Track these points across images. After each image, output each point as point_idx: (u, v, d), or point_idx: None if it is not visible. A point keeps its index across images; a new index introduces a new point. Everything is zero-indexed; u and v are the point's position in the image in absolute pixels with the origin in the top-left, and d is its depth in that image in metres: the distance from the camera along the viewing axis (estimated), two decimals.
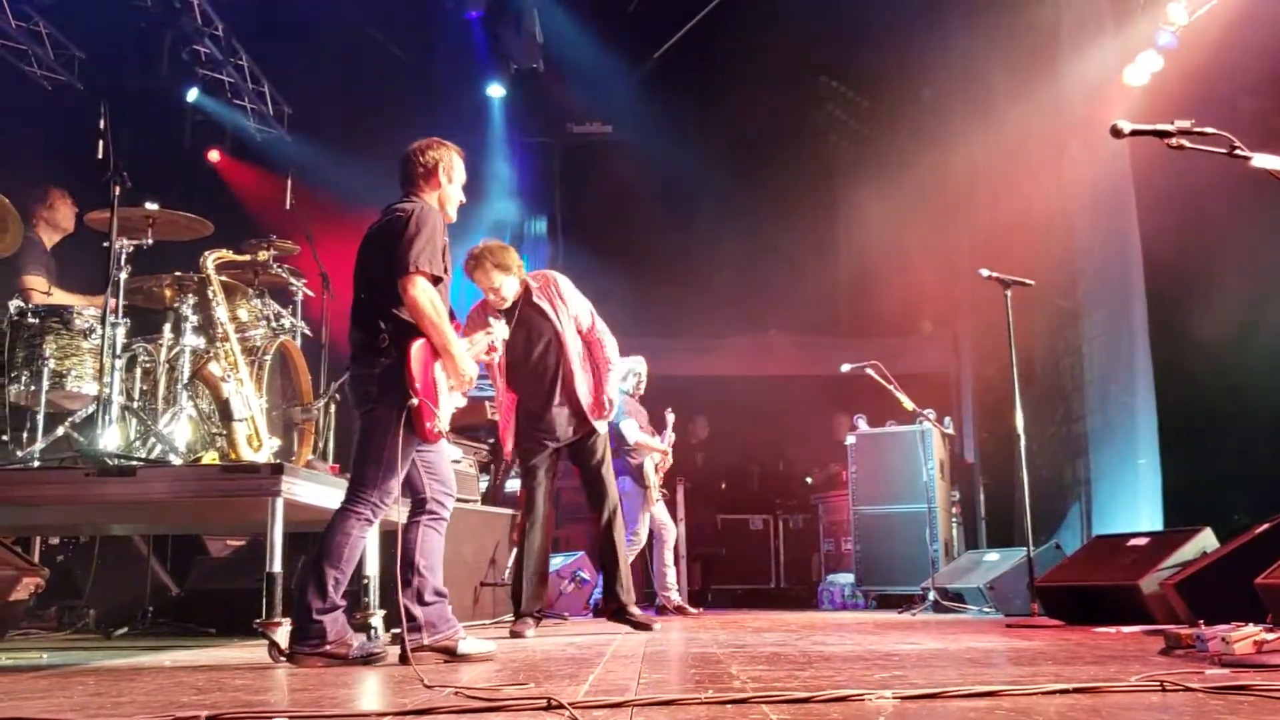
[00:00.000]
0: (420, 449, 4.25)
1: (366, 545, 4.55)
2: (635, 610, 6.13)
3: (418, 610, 4.11)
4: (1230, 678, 2.93)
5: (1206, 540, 5.76)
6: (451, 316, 4.25)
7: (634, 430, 8.32)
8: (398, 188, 4.44)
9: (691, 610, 8.69)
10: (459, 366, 4.19)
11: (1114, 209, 8.60)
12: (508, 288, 5.81)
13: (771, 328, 13.19)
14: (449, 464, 4.49)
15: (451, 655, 4.12)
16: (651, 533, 8.48)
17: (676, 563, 8.93)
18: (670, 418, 8.88)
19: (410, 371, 4.02)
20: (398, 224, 4.15)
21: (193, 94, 10.59)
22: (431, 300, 4.08)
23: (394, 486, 4.15)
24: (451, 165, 4.43)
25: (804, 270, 11.73)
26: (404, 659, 3.92)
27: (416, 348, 4.07)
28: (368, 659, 4.05)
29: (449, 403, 4.28)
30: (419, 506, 4.32)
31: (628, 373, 8.35)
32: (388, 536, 5.12)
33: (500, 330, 4.81)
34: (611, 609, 6.15)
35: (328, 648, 3.99)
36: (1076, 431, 9.50)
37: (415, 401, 4.00)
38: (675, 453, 8.85)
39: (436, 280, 4.15)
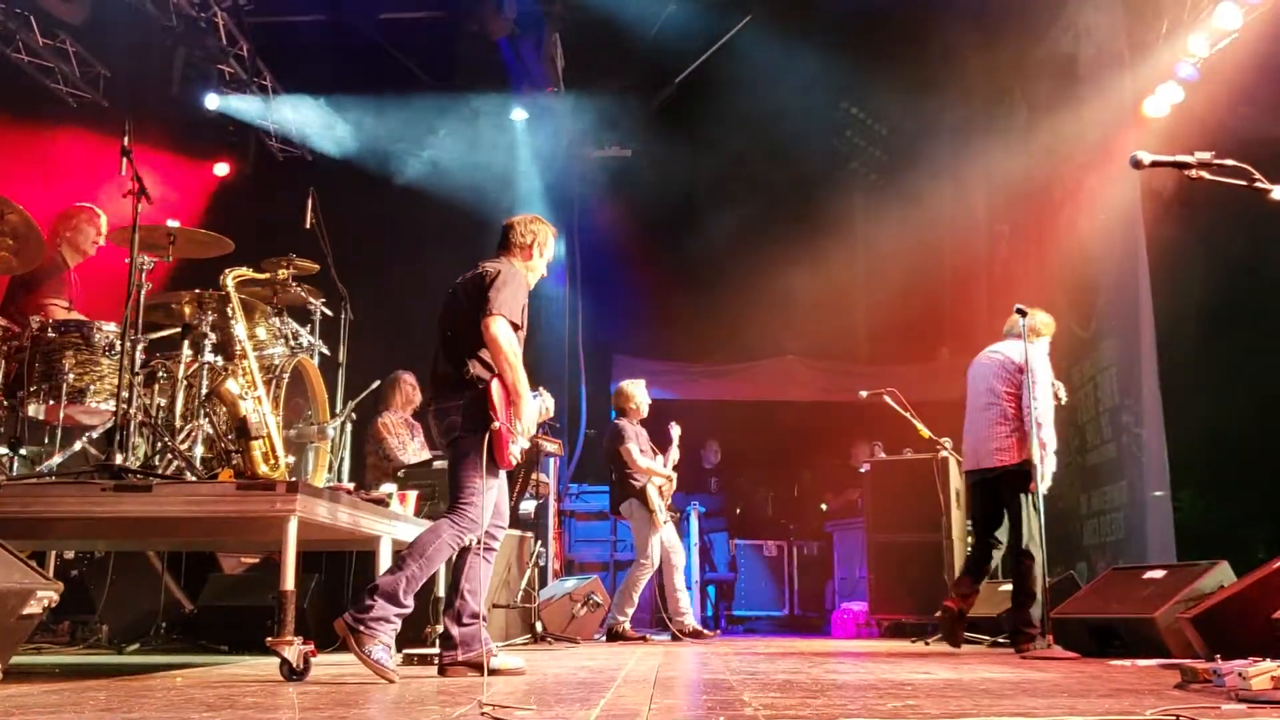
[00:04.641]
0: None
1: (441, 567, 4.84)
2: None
3: (455, 630, 4.49)
4: (1247, 713, 2.91)
5: (1224, 574, 5.70)
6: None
7: (636, 454, 8.27)
8: (418, 209, 4.59)
9: (707, 633, 8.63)
10: (523, 410, 4.51)
11: (1127, 240, 8.59)
12: None
13: (789, 353, 13.17)
14: (505, 495, 4.78)
15: (481, 671, 4.37)
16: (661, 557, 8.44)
17: (689, 588, 8.87)
18: (675, 431, 8.78)
19: (493, 402, 4.42)
20: (485, 277, 4.59)
21: (213, 102, 10.68)
22: (509, 340, 4.47)
23: (487, 505, 4.47)
24: (546, 242, 4.93)
25: (822, 296, 11.71)
26: (442, 671, 4.44)
27: (497, 384, 4.47)
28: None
29: (521, 438, 4.62)
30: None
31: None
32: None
33: (545, 401, 5.24)
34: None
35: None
36: (1091, 462, 9.45)
37: (497, 425, 4.40)
38: (689, 476, 8.72)
39: (516, 328, 4.54)
